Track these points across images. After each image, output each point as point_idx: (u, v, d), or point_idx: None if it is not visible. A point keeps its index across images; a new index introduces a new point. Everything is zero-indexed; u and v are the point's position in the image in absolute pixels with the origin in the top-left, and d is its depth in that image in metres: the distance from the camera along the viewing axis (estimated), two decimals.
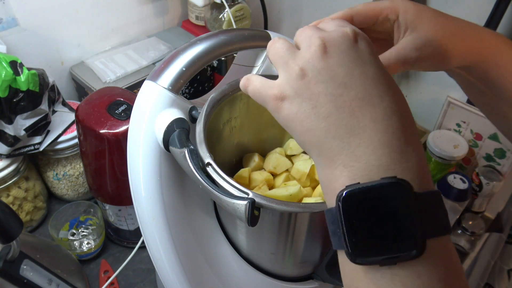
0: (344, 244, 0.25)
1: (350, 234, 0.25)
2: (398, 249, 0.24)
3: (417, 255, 0.24)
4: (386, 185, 0.24)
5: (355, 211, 0.25)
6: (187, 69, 0.45)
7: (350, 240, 0.24)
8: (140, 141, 0.45)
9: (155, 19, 0.98)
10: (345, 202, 0.25)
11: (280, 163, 0.54)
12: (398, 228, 0.24)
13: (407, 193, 0.24)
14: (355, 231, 0.24)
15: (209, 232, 0.51)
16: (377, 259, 0.24)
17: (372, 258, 0.24)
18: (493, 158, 0.83)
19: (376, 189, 0.24)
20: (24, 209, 0.73)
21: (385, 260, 0.24)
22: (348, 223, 0.25)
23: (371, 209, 0.24)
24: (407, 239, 0.24)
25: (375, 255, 0.24)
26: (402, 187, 0.24)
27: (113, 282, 0.69)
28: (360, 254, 0.24)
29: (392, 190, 0.24)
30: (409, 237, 0.24)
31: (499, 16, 0.73)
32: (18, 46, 0.77)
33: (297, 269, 0.51)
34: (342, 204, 0.25)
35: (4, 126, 0.65)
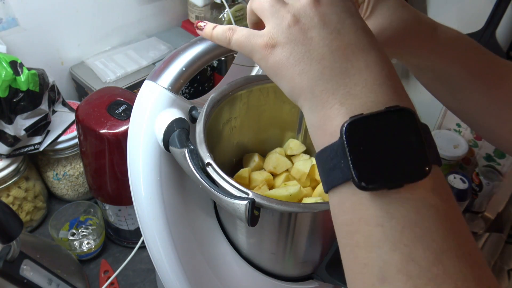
0: (350, 172, 0.25)
1: (357, 160, 0.24)
2: (407, 171, 0.24)
3: (424, 176, 0.24)
4: (391, 112, 0.25)
5: (361, 138, 0.25)
6: (187, 69, 0.45)
7: (357, 167, 0.24)
8: (140, 141, 0.45)
9: (155, 19, 0.98)
10: (350, 130, 0.25)
11: (280, 163, 0.54)
12: (407, 150, 0.24)
13: (413, 120, 0.25)
14: (362, 157, 0.25)
15: (209, 232, 0.51)
16: (387, 182, 0.24)
17: (381, 182, 0.24)
18: (493, 158, 0.83)
19: (382, 116, 0.25)
20: (24, 209, 0.73)
21: (394, 183, 0.24)
22: (354, 150, 0.25)
23: (378, 135, 0.25)
24: (415, 162, 0.24)
25: (384, 179, 0.24)
26: (408, 113, 0.25)
27: (113, 282, 0.69)
28: (368, 180, 0.24)
29: (397, 116, 0.25)
30: (416, 159, 0.24)
31: (499, 16, 0.73)
32: (18, 46, 0.77)
33: (297, 269, 0.51)
34: (347, 133, 0.25)
35: (4, 126, 0.65)
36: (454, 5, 0.79)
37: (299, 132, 0.56)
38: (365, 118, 0.25)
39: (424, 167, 0.24)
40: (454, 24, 0.44)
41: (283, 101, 0.53)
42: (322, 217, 0.43)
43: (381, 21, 0.37)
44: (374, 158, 0.25)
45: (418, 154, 0.25)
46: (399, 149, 0.25)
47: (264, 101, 0.53)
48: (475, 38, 0.75)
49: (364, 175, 0.24)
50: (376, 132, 0.25)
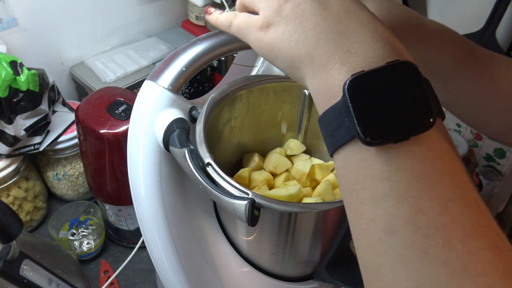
0: (355, 129, 0.25)
1: (362, 116, 0.24)
2: (411, 124, 0.24)
3: (427, 129, 0.24)
4: (392, 66, 0.25)
5: (364, 94, 0.25)
6: (187, 69, 0.45)
7: (362, 122, 0.24)
8: (140, 141, 0.45)
9: (155, 19, 0.98)
10: (353, 87, 0.25)
11: (280, 163, 0.54)
12: (410, 102, 0.25)
13: (415, 72, 0.25)
14: (366, 113, 0.25)
15: (209, 232, 0.51)
16: (392, 136, 0.24)
17: (386, 136, 0.24)
18: (493, 158, 0.83)
19: (383, 71, 0.25)
20: (24, 209, 0.73)
21: (400, 136, 0.24)
22: (358, 106, 0.25)
23: (381, 90, 0.25)
24: (419, 114, 0.24)
25: (389, 132, 0.24)
26: (409, 67, 0.25)
27: (113, 282, 0.69)
28: (374, 134, 0.24)
29: (400, 70, 0.25)
30: (420, 111, 0.24)
31: (499, 16, 0.73)
32: (18, 46, 0.77)
33: (297, 269, 0.51)
34: (349, 90, 0.25)
35: (4, 126, 0.65)
36: (454, 5, 0.79)
37: (299, 132, 0.56)
38: (367, 74, 0.25)
39: (429, 119, 0.24)
40: (454, 24, 0.44)
41: (283, 101, 0.53)
42: (322, 217, 0.44)
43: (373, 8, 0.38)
44: (379, 112, 0.25)
45: (422, 106, 0.25)
46: (403, 102, 0.25)
47: (264, 101, 0.53)
48: (475, 38, 0.75)
49: (370, 130, 0.24)
50: (379, 87, 0.25)
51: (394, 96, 0.25)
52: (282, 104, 0.54)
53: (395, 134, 0.24)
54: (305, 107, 0.53)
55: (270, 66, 0.56)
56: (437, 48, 0.41)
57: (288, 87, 0.52)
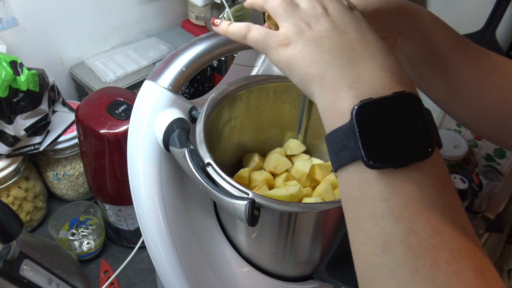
0: (359, 152, 0.27)
1: (366, 141, 0.27)
2: (412, 152, 0.27)
3: (427, 157, 0.27)
4: (398, 96, 0.27)
5: (370, 120, 0.27)
6: (187, 69, 0.45)
7: (366, 147, 0.27)
8: (140, 141, 0.45)
9: (155, 19, 0.98)
10: (360, 113, 0.27)
11: (280, 163, 0.54)
12: (412, 132, 0.27)
13: (418, 104, 0.27)
14: (371, 138, 0.27)
15: (209, 232, 0.51)
16: (393, 162, 0.26)
17: (388, 161, 0.27)
18: (493, 158, 0.83)
19: (390, 100, 0.27)
20: (24, 209, 0.73)
21: (401, 163, 0.27)
22: (363, 131, 0.27)
23: (386, 118, 0.27)
24: (420, 143, 0.27)
25: (391, 158, 0.27)
26: (413, 98, 0.27)
27: (113, 282, 0.69)
28: (377, 159, 0.26)
29: (405, 101, 0.27)
30: (421, 141, 0.27)
31: (499, 16, 0.73)
32: (18, 46, 0.77)
33: (297, 269, 0.51)
34: (357, 115, 0.27)
35: (4, 126, 0.65)
36: (454, 5, 0.79)
37: (299, 132, 0.56)
38: (374, 101, 0.27)
39: (428, 148, 0.27)
40: (454, 24, 0.44)
41: (283, 101, 0.53)
42: (322, 217, 0.44)
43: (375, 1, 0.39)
44: (383, 139, 0.27)
45: (423, 136, 0.27)
46: (406, 131, 0.27)
47: (264, 101, 0.53)
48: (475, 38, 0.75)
49: (373, 154, 0.27)
50: (384, 115, 0.27)
51: (398, 124, 0.27)
52: (282, 104, 0.54)
53: (396, 160, 0.27)
54: (305, 107, 0.53)
55: (270, 66, 0.56)
56: (433, 32, 0.43)
57: (288, 87, 0.52)
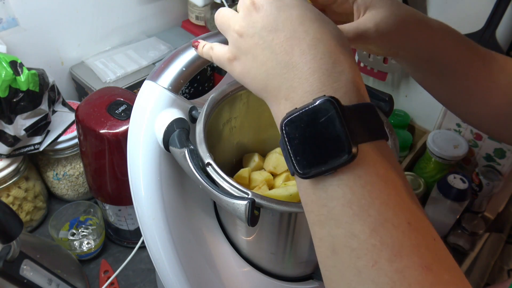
0: (291, 164, 0.28)
1: (294, 153, 0.27)
2: (335, 157, 0.26)
3: (350, 159, 0.26)
4: (317, 104, 0.27)
5: (294, 132, 0.27)
6: (187, 69, 0.45)
7: (295, 159, 0.27)
8: (140, 141, 0.45)
9: (155, 19, 0.98)
10: (286, 126, 0.28)
11: (280, 163, 0.54)
12: (331, 138, 0.26)
13: (335, 107, 0.27)
14: (297, 150, 0.27)
15: (209, 232, 0.51)
16: (320, 170, 0.27)
17: (315, 170, 0.27)
18: (493, 158, 0.83)
19: (309, 109, 0.27)
20: (24, 209, 0.73)
21: (326, 170, 0.27)
22: (291, 144, 0.27)
23: (307, 127, 0.27)
24: (340, 147, 0.26)
25: (317, 166, 0.27)
26: (329, 102, 0.27)
27: (113, 282, 0.69)
28: (305, 170, 0.27)
29: (322, 106, 0.27)
30: (340, 144, 0.26)
31: (499, 16, 0.73)
32: (18, 46, 0.77)
33: (297, 269, 0.51)
34: (284, 128, 0.28)
35: (4, 126, 0.65)
36: (454, 5, 0.79)
37: None
38: (297, 113, 0.27)
39: (350, 150, 0.26)
40: (454, 24, 0.44)
41: None
42: None
43: (384, 11, 0.39)
44: (307, 149, 0.27)
45: (342, 140, 0.26)
46: (325, 138, 0.27)
47: (264, 101, 0.53)
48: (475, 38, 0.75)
49: (301, 166, 0.27)
50: (306, 125, 0.27)
51: (319, 133, 0.27)
52: None
53: (321, 168, 0.27)
54: None
55: None
56: (441, 46, 0.42)
57: None
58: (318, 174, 0.27)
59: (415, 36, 0.41)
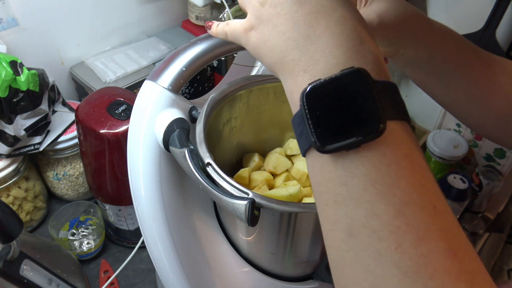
0: (311, 137, 0.26)
1: (315, 125, 0.26)
2: (361, 131, 0.25)
3: (378, 134, 0.25)
4: (345, 74, 0.26)
5: (318, 103, 0.26)
6: (187, 69, 0.45)
7: (316, 131, 0.26)
8: (140, 141, 0.45)
9: (155, 19, 0.98)
10: (307, 96, 0.26)
11: (280, 163, 0.54)
12: (359, 111, 0.25)
13: (365, 79, 0.26)
14: (319, 121, 0.26)
15: (209, 232, 0.51)
16: (343, 144, 0.25)
17: (338, 144, 0.25)
18: (493, 158, 0.83)
19: (337, 80, 0.26)
20: (24, 209, 0.73)
21: (350, 144, 0.25)
22: (312, 115, 0.26)
23: (333, 98, 0.26)
24: (368, 121, 0.25)
25: (340, 140, 0.25)
26: (360, 73, 0.26)
27: (113, 282, 0.69)
28: (327, 143, 0.26)
29: (351, 77, 0.26)
30: (369, 118, 0.25)
31: (499, 16, 0.73)
32: (18, 46, 0.77)
33: (297, 269, 0.51)
34: (305, 99, 0.26)
35: (4, 126, 0.65)
36: (454, 5, 0.79)
37: None
38: (321, 83, 0.26)
39: (378, 125, 0.25)
40: (454, 24, 0.44)
41: (283, 101, 0.53)
42: None
43: (386, 3, 0.39)
44: (331, 122, 0.26)
45: (370, 114, 0.25)
46: (352, 111, 0.25)
47: (264, 101, 0.53)
48: (475, 38, 0.75)
49: (322, 139, 0.26)
50: (331, 97, 0.26)
51: (345, 105, 0.25)
52: (282, 104, 0.54)
53: (345, 142, 0.25)
54: None
55: None
56: (442, 47, 0.42)
57: None
58: (340, 148, 0.25)
59: (417, 32, 0.41)
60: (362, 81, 0.25)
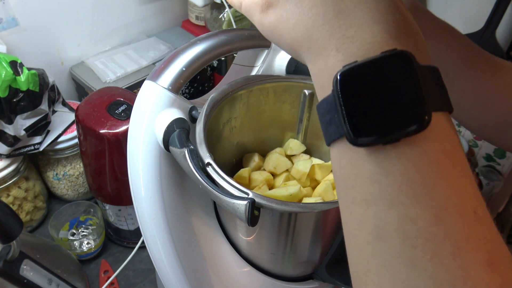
0: (344, 127, 0.23)
1: (350, 114, 0.23)
2: (402, 123, 0.22)
3: (422, 128, 0.22)
4: (387, 57, 0.22)
5: (354, 89, 0.23)
6: (187, 69, 0.45)
7: (351, 121, 0.23)
8: (140, 141, 0.45)
9: (155, 19, 0.98)
10: (343, 81, 0.23)
11: (280, 163, 0.53)
12: (402, 100, 0.22)
13: (410, 64, 0.22)
14: (355, 110, 0.23)
15: (209, 232, 0.51)
16: (381, 137, 0.22)
17: (375, 137, 0.22)
18: (493, 158, 0.83)
19: (376, 63, 0.22)
20: (24, 209, 0.73)
21: (389, 138, 0.22)
22: (347, 102, 0.23)
23: (372, 84, 0.22)
24: (412, 112, 0.22)
25: (378, 133, 0.22)
26: (404, 57, 0.23)
27: (113, 282, 0.69)
28: (362, 134, 0.22)
29: (394, 62, 0.22)
30: (414, 109, 0.22)
31: (499, 16, 0.73)
32: (18, 46, 0.77)
33: (297, 269, 0.51)
34: (340, 84, 0.23)
35: (4, 126, 0.65)
36: (454, 5, 0.79)
37: (299, 132, 0.56)
38: (359, 66, 0.23)
39: (423, 117, 0.22)
40: (454, 24, 0.44)
41: (283, 101, 0.53)
42: (322, 217, 0.43)
43: None
44: (368, 111, 0.22)
45: (414, 104, 0.22)
46: (394, 100, 0.22)
47: (264, 101, 0.53)
48: (475, 38, 0.75)
49: (357, 130, 0.23)
50: (370, 82, 0.22)
51: (385, 92, 0.22)
52: (282, 104, 0.54)
53: (384, 135, 0.22)
54: (305, 107, 0.53)
55: (270, 66, 0.56)
56: (446, 44, 0.40)
57: (288, 87, 0.52)
58: (377, 141, 0.22)
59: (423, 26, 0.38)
60: (406, 66, 0.22)
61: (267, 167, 0.54)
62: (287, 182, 0.52)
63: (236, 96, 0.50)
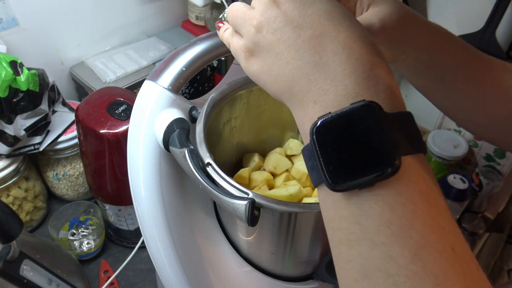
0: (322, 174, 0.25)
1: (326, 163, 0.25)
2: (374, 169, 0.24)
3: (393, 173, 0.23)
4: (355, 108, 0.24)
5: (328, 139, 0.25)
6: (187, 69, 0.45)
7: (327, 169, 0.24)
8: (140, 141, 0.45)
9: (155, 19, 0.98)
10: (318, 132, 0.25)
11: (280, 163, 0.53)
12: (371, 148, 0.24)
13: (376, 113, 0.24)
14: (330, 159, 0.24)
15: (209, 232, 0.51)
16: (356, 183, 0.24)
17: (350, 183, 0.24)
18: (493, 158, 0.83)
19: (347, 114, 0.24)
20: (24, 209, 0.73)
21: (363, 183, 0.24)
22: (323, 152, 0.25)
23: (343, 134, 0.24)
24: (381, 158, 0.24)
25: (353, 179, 0.24)
26: (371, 108, 0.24)
27: (113, 282, 0.69)
28: (338, 181, 0.24)
29: (362, 112, 0.24)
30: (382, 155, 0.24)
31: (499, 16, 0.73)
32: (18, 46, 0.77)
33: (297, 269, 0.51)
34: (315, 135, 0.25)
35: (4, 126, 0.65)
36: (454, 5, 0.79)
37: (299, 132, 0.56)
38: (332, 118, 0.24)
39: (392, 162, 0.23)
40: (454, 24, 0.44)
41: None
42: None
43: (388, 7, 0.38)
44: (342, 159, 0.24)
45: (384, 150, 0.24)
46: (364, 147, 0.24)
47: (264, 101, 0.53)
48: (475, 38, 0.75)
49: (334, 177, 0.24)
50: (342, 133, 0.24)
51: (356, 141, 0.24)
52: (282, 104, 0.53)
53: (358, 181, 0.24)
54: None
55: None
56: (441, 50, 0.41)
57: None
58: (353, 187, 0.24)
59: (418, 36, 0.40)
60: (373, 116, 0.24)
61: (267, 167, 0.54)
62: (287, 182, 0.52)
63: (236, 96, 0.50)
